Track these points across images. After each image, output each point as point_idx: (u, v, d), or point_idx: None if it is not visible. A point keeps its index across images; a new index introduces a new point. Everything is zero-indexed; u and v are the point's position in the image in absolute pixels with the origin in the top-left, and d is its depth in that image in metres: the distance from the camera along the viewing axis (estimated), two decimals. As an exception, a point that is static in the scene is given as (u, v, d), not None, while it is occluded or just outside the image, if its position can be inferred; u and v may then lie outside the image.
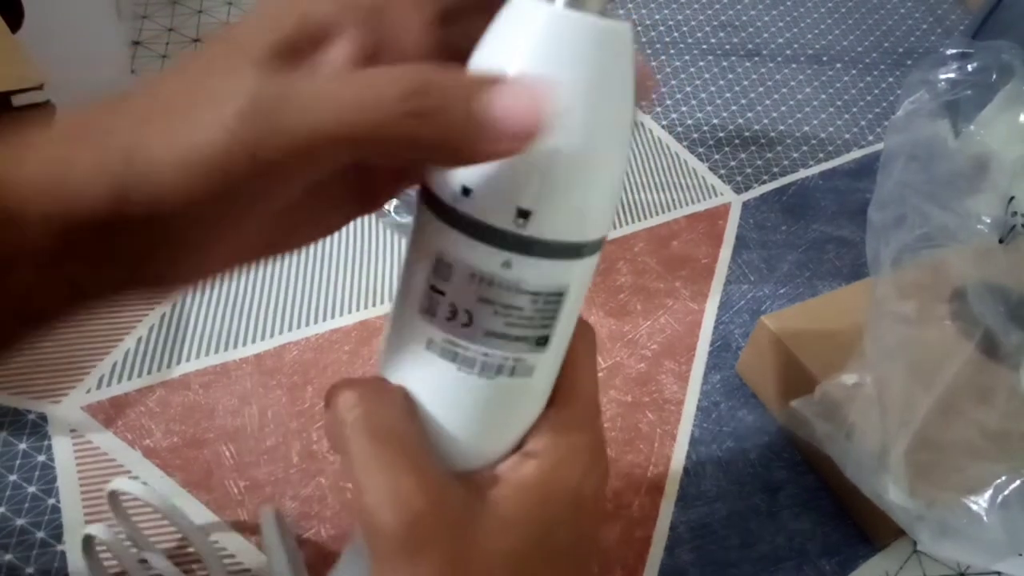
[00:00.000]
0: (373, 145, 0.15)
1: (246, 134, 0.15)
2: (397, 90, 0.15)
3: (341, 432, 0.19)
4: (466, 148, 0.16)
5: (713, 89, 0.71)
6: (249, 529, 0.39)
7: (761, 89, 0.72)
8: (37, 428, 0.42)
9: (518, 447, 0.21)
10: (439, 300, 0.19)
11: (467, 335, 0.19)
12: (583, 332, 0.21)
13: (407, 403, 0.20)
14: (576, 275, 0.20)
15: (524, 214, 0.18)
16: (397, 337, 0.20)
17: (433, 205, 0.19)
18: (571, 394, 0.21)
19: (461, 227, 0.18)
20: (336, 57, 0.17)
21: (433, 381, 0.20)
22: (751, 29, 0.79)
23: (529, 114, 0.16)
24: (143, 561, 0.37)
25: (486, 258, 0.18)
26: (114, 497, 0.36)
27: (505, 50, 0.18)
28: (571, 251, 0.19)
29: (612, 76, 0.18)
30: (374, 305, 0.50)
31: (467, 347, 0.19)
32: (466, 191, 0.18)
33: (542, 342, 0.20)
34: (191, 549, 0.38)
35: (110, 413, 0.43)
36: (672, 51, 0.75)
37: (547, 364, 0.21)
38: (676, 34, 0.77)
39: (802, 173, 0.65)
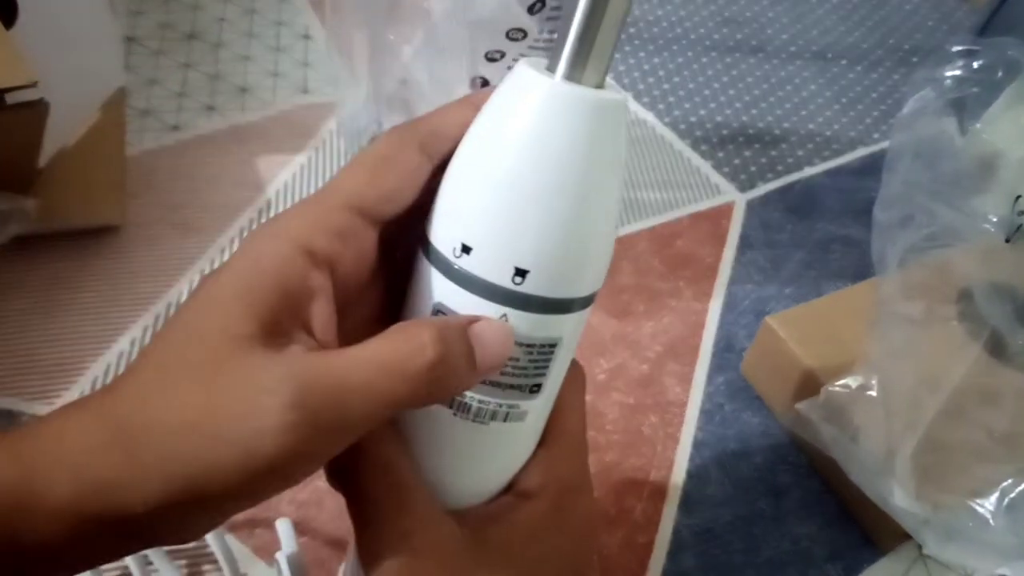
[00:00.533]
0: (400, 409, 0.18)
1: (297, 435, 0.16)
2: (423, 367, 0.17)
3: (343, 475, 0.19)
4: (467, 386, 0.19)
5: (716, 86, 0.71)
6: (245, 532, 0.39)
7: (765, 86, 0.72)
8: (31, 430, 0.42)
9: (510, 485, 0.22)
10: None
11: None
12: (573, 372, 0.22)
13: (405, 445, 0.20)
14: (569, 327, 0.20)
15: (521, 273, 0.19)
16: None
17: (432, 258, 0.20)
18: (561, 434, 0.22)
19: (460, 281, 0.19)
20: (318, 322, 0.18)
21: (430, 425, 0.21)
22: (755, 25, 0.79)
23: (506, 349, 0.19)
24: (144, 555, 0.36)
25: (483, 312, 0.19)
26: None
27: (505, 120, 0.19)
28: (564, 306, 0.20)
29: (606, 147, 0.19)
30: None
31: (463, 394, 0.20)
32: (466, 248, 0.19)
33: (535, 389, 0.21)
34: (196, 549, 0.38)
35: None
36: (675, 47, 0.74)
37: (539, 409, 0.22)
38: (679, 30, 0.76)
39: (807, 171, 0.64)
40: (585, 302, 0.20)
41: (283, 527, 0.35)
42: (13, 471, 0.15)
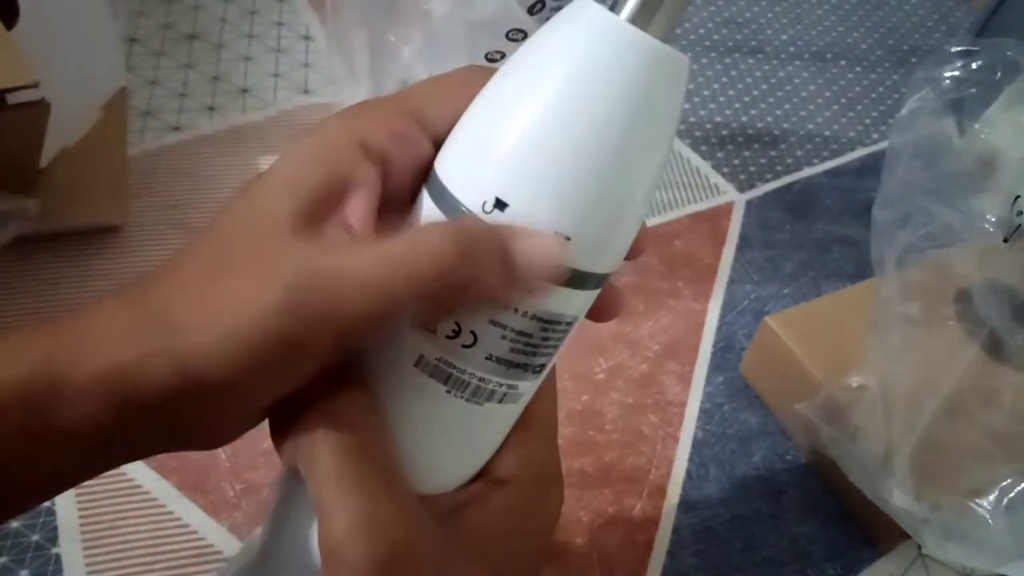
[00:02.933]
0: (404, 307, 0.16)
1: (289, 321, 0.15)
2: (428, 259, 0.16)
3: (308, 448, 0.17)
4: (496, 293, 0.17)
5: (716, 86, 0.71)
6: (246, 532, 0.39)
7: (764, 86, 0.72)
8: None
9: (481, 470, 0.20)
10: (447, 319, 0.17)
11: (466, 357, 0.18)
12: None
13: (383, 421, 0.18)
14: (586, 305, 0.19)
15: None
16: (376, 347, 0.19)
17: (453, 211, 0.17)
18: (536, 418, 0.21)
19: None
20: (357, 212, 0.17)
21: (417, 401, 0.18)
22: (754, 26, 0.79)
23: (551, 264, 0.17)
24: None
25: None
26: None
27: (560, 52, 0.16)
28: (594, 281, 0.18)
29: (662, 106, 0.17)
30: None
31: (463, 369, 0.18)
32: (501, 204, 0.16)
33: (538, 370, 0.19)
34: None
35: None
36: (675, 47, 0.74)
37: (532, 391, 0.20)
38: (678, 30, 0.77)
39: (806, 172, 0.64)
40: (605, 280, 0.19)
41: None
42: (46, 348, 0.16)
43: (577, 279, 0.17)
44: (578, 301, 0.18)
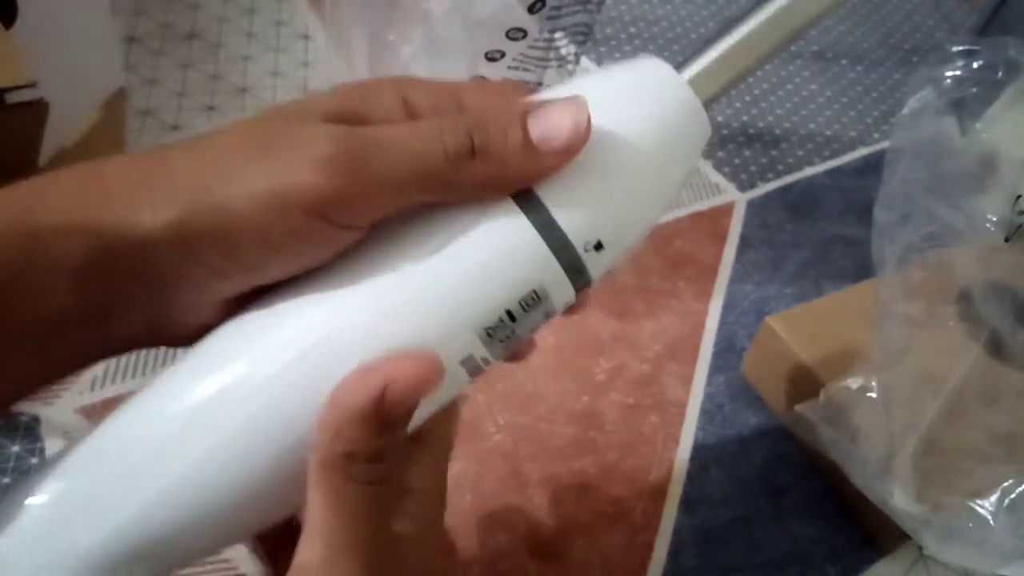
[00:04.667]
0: (440, 186, 0.17)
1: (336, 176, 0.16)
2: (453, 137, 0.17)
3: (322, 474, 0.18)
4: (518, 175, 0.18)
5: (716, 86, 0.71)
6: (245, 534, 0.39)
7: (765, 85, 0.72)
8: (30, 430, 0.42)
9: None
10: (508, 327, 0.19)
11: (499, 354, 0.19)
12: None
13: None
14: (561, 308, 0.21)
15: (604, 275, 0.20)
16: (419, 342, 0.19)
17: (556, 242, 0.18)
18: (437, 428, 0.21)
19: (574, 275, 0.19)
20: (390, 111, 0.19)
21: (443, 396, 0.19)
22: (754, 25, 0.78)
23: (567, 130, 0.17)
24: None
25: (568, 299, 0.19)
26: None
27: (623, 96, 0.19)
28: (584, 286, 0.20)
29: (693, 160, 0.20)
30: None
31: (489, 362, 0.19)
32: (600, 246, 0.18)
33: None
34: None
35: (104, 415, 0.42)
36: (675, 47, 0.74)
37: None
38: (679, 30, 0.76)
39: (807, 171, 0.64)
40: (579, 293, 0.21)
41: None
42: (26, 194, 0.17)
43: (584, 278, 0.19)
44: (567, 294, 0.20)
